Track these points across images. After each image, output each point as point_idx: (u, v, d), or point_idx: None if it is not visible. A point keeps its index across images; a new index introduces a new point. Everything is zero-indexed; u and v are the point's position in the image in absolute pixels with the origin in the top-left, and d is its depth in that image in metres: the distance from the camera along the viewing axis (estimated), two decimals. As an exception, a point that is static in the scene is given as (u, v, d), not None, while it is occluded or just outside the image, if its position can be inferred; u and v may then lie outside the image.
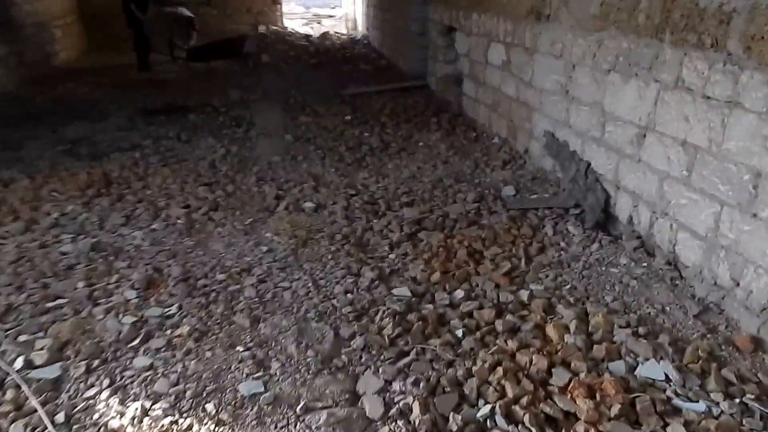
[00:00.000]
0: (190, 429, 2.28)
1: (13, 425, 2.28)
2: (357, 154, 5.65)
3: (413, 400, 2.35)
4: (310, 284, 3.28)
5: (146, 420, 2.32)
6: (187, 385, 2.49)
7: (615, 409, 2.25)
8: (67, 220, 4.16)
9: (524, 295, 3.14)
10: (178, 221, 4.12)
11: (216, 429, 2.28)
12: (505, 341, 2.74)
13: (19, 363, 2.62)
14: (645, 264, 3.47)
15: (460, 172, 5.13)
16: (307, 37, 13.44)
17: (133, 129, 6.60)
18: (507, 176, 4.99)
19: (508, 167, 5.21)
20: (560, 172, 4.61)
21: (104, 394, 2.45)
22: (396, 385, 2.49)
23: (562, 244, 3.80)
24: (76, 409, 2.38)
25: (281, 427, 2.30)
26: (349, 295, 3.18)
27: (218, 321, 2.96)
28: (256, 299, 3.15)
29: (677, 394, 2.39)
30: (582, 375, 2.49)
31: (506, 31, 5.50)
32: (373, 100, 8.13)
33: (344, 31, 14.67)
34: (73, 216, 4.21)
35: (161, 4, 10.62)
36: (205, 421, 2.31)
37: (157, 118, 7.07)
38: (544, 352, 2.65)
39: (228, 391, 2.47)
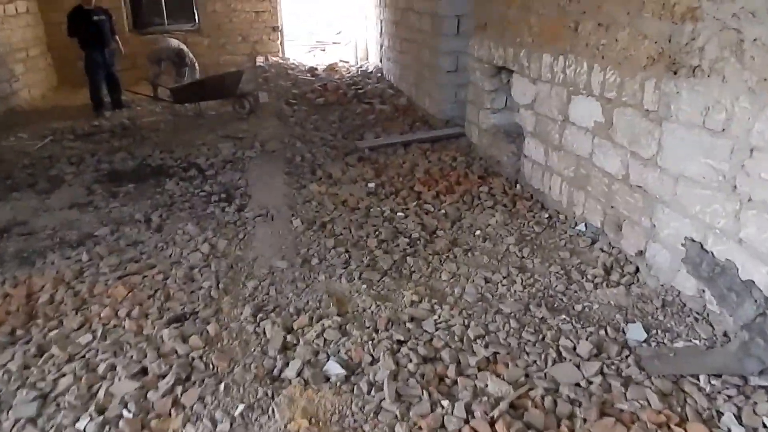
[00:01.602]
0: None
1: None
2: (393, 253, 4.13)
3: None
4: None
5: None
6: None
7: None
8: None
9: None
10: (124, 413, 2.57)
11: None
12: None
13: None
14: None
15: (550, 290, 3.61)
16: (312, 70, 12.02)
17: (90, 206, 5.12)
18: (621, 299, 3.46)
19: (615, 280, 3.68)
20: (717, 303, 3.08)
21: None
22: None
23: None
24: None
25: None
26: None
27: None
28: None
29: None
30: None
31: (606, 82, 4.02)
32: (399, 155, 6.67)
33: (353, 62, 13.27)
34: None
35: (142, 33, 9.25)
36: None
37: (125, 186, 5.58)
38: None
39: None
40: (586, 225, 4.45)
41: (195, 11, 12.46)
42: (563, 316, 3.27)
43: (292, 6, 16.17)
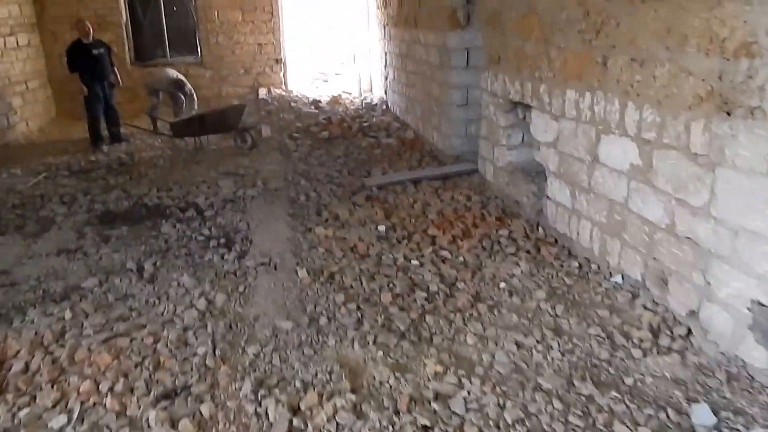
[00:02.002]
0: None
1: None
2: (410, 310, 3.66)
3: None
4: None
5: None
6: None
7: None
8: None
9: None
10: None
11: None
12: None
13: None
14: None
15: (592, 358, 3.13)
16: (316, 102, 11.64)
17: (79, 252, 4.66)
18: (677, 370, 2.98)
19: (666, 346, 3.21)
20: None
21: None
22: None
23: None
24: None
25: None
26: None
27: None
28: None
29: None
30: None
31: (643, 122, 3.59)
32: (409, 193, 6.23)
33: (356, 94, 12.92)
34: None
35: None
36: None
37: (118, 229, 5.12)
38: None
39: None
40: (622, 277, 3.99)
41: (197, 43, 12.14)
42: (613, 393, 2.79)
43: (294, 38, 15.89)
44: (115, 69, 8.95)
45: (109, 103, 8.65)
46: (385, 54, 10.87)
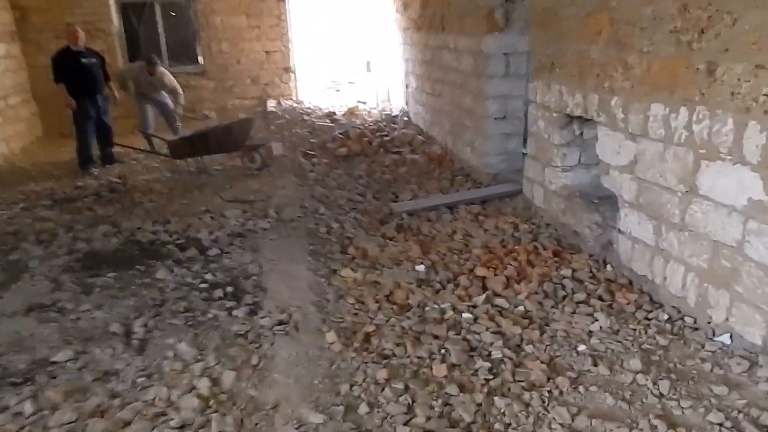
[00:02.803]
0: None
1: None
2: (473, 390, 2.97)
3: None
4: None
5: None
6: None
7: None
8: None
9: None
10: None
11: None
12: None
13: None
14: None
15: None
16: (331, 114, 10.98)
17: (53, 309, 3.99)
18: None
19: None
20: None
21: None
22: None
23: None
24: None
25: None
26: None
27: None
28: None
29: None
30: None
31: (776, 146, 2.87)
32: (446, 221, 5.59)
33: (373, 104, 12.26)
34: None
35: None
36: None
37: (103, 276, 4.45)
38: None
39: None
40: (731, 337, 3.27)
41: (199, 52, 11.52)
42: None
43: (304, 45, 15.29)
44: (110, 82, 8.30)
45: (101, 119, 7.99)
46: (406, 61, 10.22)
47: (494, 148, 6.68)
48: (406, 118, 10.33)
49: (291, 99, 12.00)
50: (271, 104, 11.39)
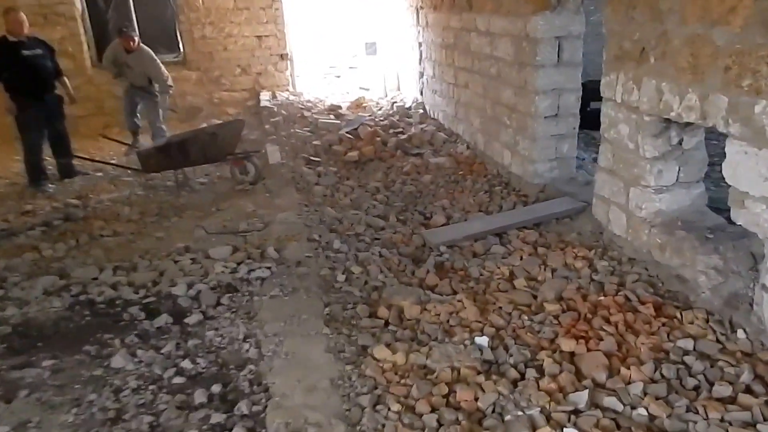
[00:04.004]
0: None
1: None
2: None
3: None
4: None
5: None
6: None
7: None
8: None
9: None
10: None
11: None
12: None
13: None
14: None
15: None
16: (335, 108, 9.74)
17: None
18: None
19: None
20: None
21: None
22: None
23: None
24: None
25: None
26: None
27: None
28: None
29: None
30: None
31: None
32: (496, 256, 4.53)
33: (381, 94, 11.02)
34: None
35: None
36: None
37: (36, 365, 3.27)
38: None
39: None
40: None
41: (179, 38, 10.25)
42: None
43: (300, 28, 14.02)
44: (64, 78, 7.03)
45: (54, 125, 6.72)
46: (419, 45, 9.00)
47: (543, 153, 5.53)
48: (421, 111, 9.13)
49: (287, 90, 10.76)
50: (264, 97, 10.14)
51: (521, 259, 4.40)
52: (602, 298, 3.73)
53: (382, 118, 8.95)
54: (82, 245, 5.00)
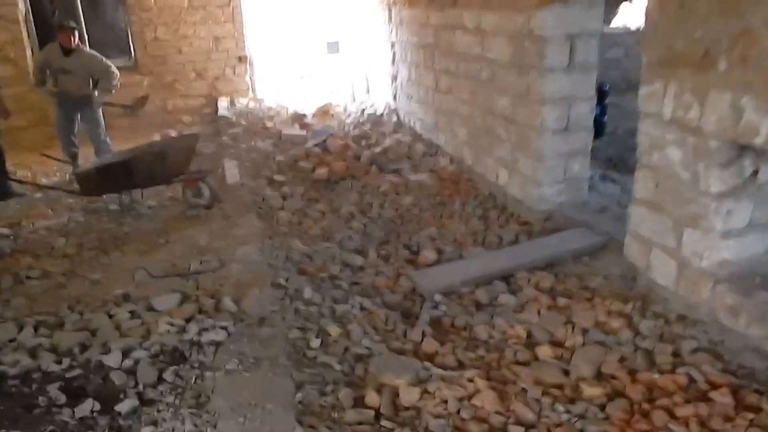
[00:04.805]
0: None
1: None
2: None
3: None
4: None
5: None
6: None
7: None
8: None
9: None
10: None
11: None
12: None
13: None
14: None
15: None
16: (300, 118, 8.60)
17: None
18: None
19: None
20: None
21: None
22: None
23: None
24: None
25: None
26: None
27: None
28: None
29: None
30: None
31: None
32: (508, 310, 3.57)
33: (349, 99, 9.92)
34: None
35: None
36: None
37: None
38: None
39: None
40: None
41: (129, 41, 8.99)
42: None
43: (258, 27, 12.82)
44: (-3, 89, 5.85)
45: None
46: (392, 45, 7.94)
47: (550, 174, 4.56)
48: (395, 118, 8.09)
49: (247, 96, 9.58)
50: (222, 105, 8.96)
51: (539, 314, 3.42)
52: (657, 376, 2.77)
53: (352, 127, 7.88)
54: (3, 291, 3.89)
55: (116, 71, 6.50)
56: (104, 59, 6.52)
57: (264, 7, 13.86)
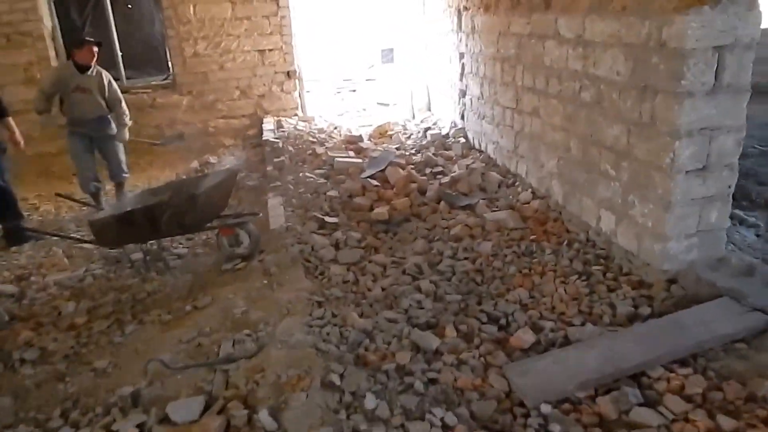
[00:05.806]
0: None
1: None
2: None
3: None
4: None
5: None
6: None
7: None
8: None
9: None
10: None
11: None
12: None
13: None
14: None
15: None
16: (355, 141, 7.71)
17: None
18: None
19: None
20: None
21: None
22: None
23: None
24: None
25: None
26: None
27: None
28: None
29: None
30: None
31: None
32: (641, 426, 2.41)
33: (408, 115, 9.01)
34: None
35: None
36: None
37: None
38: None
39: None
40: None
41: (166, 57, 8.31)
42: None
43: (307, 37, 12.07)
44: (8, 119, 5.20)
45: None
46: (461, 56, 7.00)
47: (680, 226, 3.53)
48: (462, 139, 7.12)
49: (295, 115, 8.77)
50: (267, 126, 8.15)
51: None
52: None
53: (414, 151, 6.96)
54: None
55: (127, 110, 5.80)
56: (118, 91, 5.82)
57: (313, 16, 13.11)
